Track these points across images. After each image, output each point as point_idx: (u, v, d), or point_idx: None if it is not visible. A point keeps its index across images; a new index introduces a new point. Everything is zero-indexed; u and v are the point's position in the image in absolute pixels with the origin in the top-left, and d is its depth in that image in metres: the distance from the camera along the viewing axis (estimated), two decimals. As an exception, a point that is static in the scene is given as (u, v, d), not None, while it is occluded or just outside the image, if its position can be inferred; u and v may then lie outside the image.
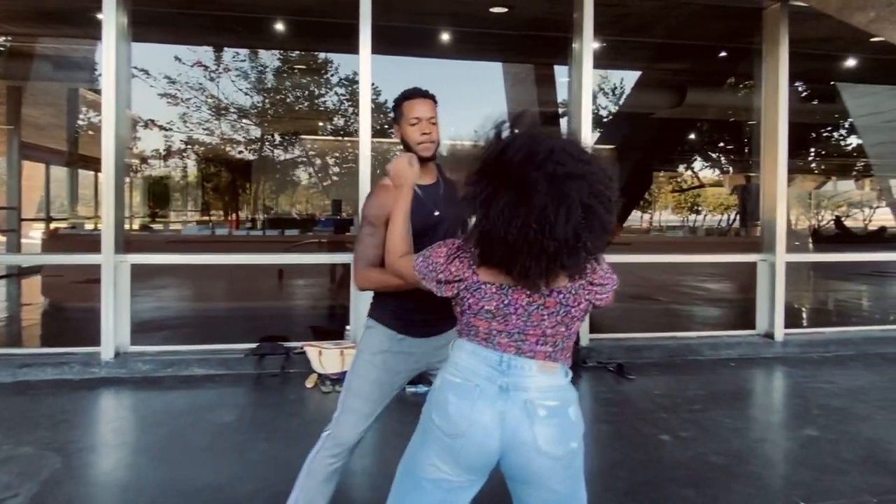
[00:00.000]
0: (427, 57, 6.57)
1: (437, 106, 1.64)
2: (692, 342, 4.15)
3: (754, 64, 4.62)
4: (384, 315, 1.60)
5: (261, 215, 11.33)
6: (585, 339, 3.93)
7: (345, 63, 10.78)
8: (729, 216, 18.16)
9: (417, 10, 4.79)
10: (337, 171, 11.82)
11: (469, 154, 1.06)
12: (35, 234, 8.21)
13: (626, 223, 10.16)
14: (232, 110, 11.17)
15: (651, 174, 9.66)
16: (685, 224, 19.38)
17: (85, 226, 6.78)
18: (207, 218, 11.70)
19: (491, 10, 4.75)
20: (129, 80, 4.13)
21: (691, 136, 12.57)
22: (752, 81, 5.52)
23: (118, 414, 3.09)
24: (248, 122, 11.41)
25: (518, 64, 7.65)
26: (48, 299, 5.74)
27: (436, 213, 1.58)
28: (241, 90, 11.16)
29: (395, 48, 5.84)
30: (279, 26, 5.66)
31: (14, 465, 2.29)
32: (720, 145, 13.90)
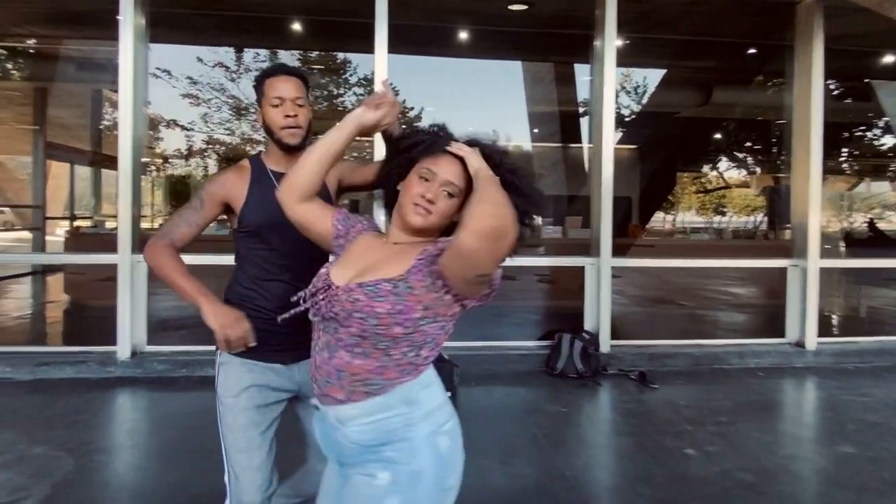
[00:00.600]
0: (444, 56, 6.53)
1: (308, 87, 1.39)
2: (718, 350, 4.01)
3: (786, 61, 4.46)
4: None
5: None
6: (606, 345, 3.83)
7: (363, 63, 10.80)
8: (756, 218, 17.68)
9: (434, 8, 4.75)
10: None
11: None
12: (60, 231, 8.43)
13: (649, 224, 9.94)
14: (252, 110, 11.30)
15: (675, 175, 9.43)
16: (710, 226, 18.94)
17: (106, 224, 6.93)
18: (226, 217, 11.89)
19: (510, 7, 4.68)
20: (147, 81, 4.16)
21: (717, 136, 12.26)
22: (783, 79, 5.32)
23: (133, 415, 3.12)
24: (268, 121, 11.56)
25: (537, 63, 7.55)
26: (70, 297, 5.86)
27: None
28: (262, 90, 11.29)
29: (412, 47, 5.81)
30: (296, 26, 5.68)
31: (28, 466, 2.30)
32: (747, 145, 13.53)
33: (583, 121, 7.80)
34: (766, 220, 12.42)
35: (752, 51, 6.52)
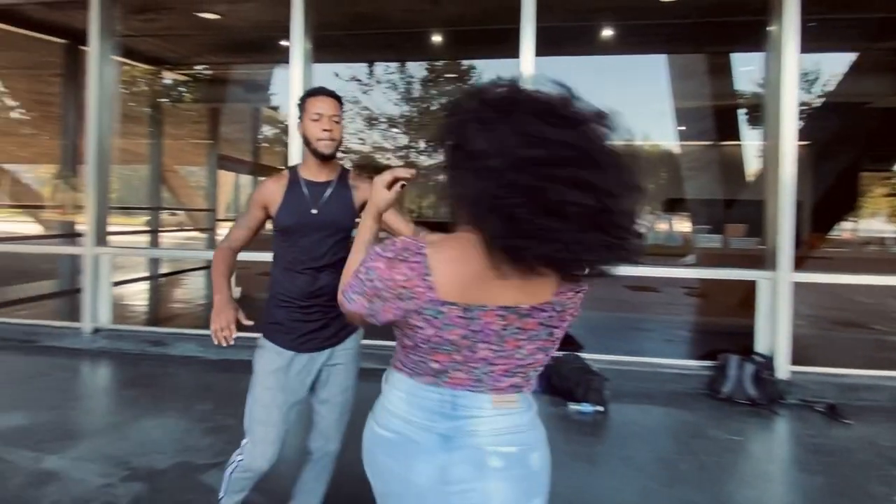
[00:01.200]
0: (583, 55, 6.44)
1: (342, 107, 1.64)
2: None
3: None
4: (271, 329, 1.61)
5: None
6: (784, 371, 3.46)
7: (489, 66, 11.09)
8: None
9: (579, 8, 4.73)
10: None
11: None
12: (222, 232, 9.95)
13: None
14: (382, 120, 12.26)
15: (859, 175, 8.10)
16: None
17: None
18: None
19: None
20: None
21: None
22: None
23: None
24: (396, 130, 12.42)
25: (686, 55, 7.08)
26: (240, 288, 6.92)
27: (313, 210, 1.58)
28: (391, 101, 12.19)
29: (553, 49, 5.83)
30: (436, 38, 6.05)
31: (225, 434, 2.77)
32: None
33: (740, 114, 7.13)
34: None
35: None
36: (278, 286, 1.63)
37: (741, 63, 6.82)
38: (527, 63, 3.86)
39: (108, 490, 2.18)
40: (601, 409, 3.10)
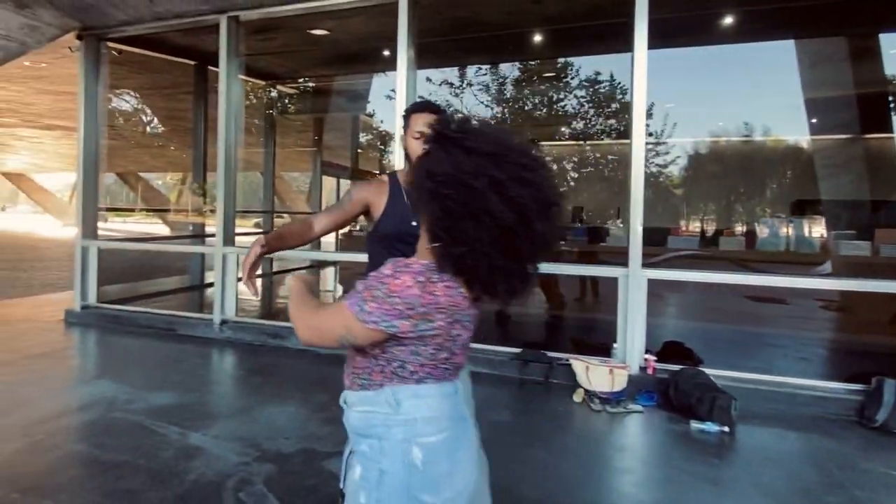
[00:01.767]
0: (700, 45, 6.06)
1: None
2: None
3: None
4: None
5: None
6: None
7: (589, 63, 10.82)
8: None
9: None
10: (575, 176, 11.98)
11: None
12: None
13: None
14: (474, 123, 12.44)
15: None
16: None
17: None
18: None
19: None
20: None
21: None
22: None
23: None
24: (489, 133, 12.53)
25: (821, 39, 6.38)
26: (342, 286, 7.43)
27: (413, 223, 1.55)
28: (483, 102, 12.32)
29: (667, 41, 5.56)
30: (536, 38, 6.02)
31: (342, 426, 2.97)
32: None
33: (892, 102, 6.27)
34: None
35: None
36: None
37: (892, 44, 6.00)
38: (640, 58, 3.72)
39: (245, 468, 2.44)
40: (727, 429, 2.89)
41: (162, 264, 9.11)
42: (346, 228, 10.82)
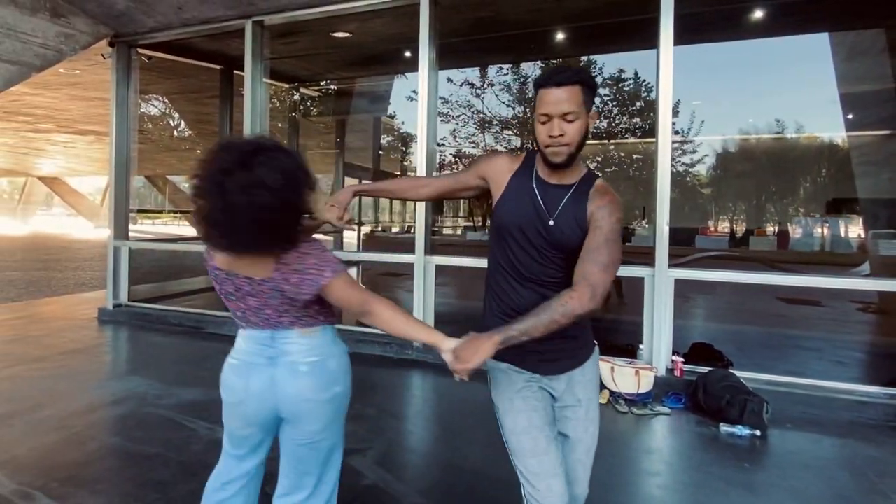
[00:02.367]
0: (728, 40, 5.94)
1: (590, 92, 1.29)
2: None
3: None
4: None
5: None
6: None
7: (612, 60, 10.72)
8: None
9: None
10: (599, 175, 11.84)
11: None
12: (349, 234, 10.77)
13: None
14: (495, 123, 12.43)
15: None
16: None
17: (392, 229, 8.61)
18: (471, 223, 13.31)
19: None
20: (436, 103, 5.00)
21: None
22: None
23: (430, 394, 3.74)
24: (509, 132, 12.51)
25: (858, 31, 6.18)
26: (365, 287, 7.51)
27: (551, 222, 1.33)
28: (504, 103, 12.32)
29: (694, 36, 5.47)
30: (559, 36, 5.99)
31: (364, 423, 3.01)
32: None
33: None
34: None
35: None
36: (488, 284, 1.49)
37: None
38: (666, 54, 3.67)
39: (270, 462, 2.49)
40: (758, 433, 2.83)
41: (189, 264, 9.34)
42: (368, 228, 10.91)
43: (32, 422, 2.92)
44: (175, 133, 13.34)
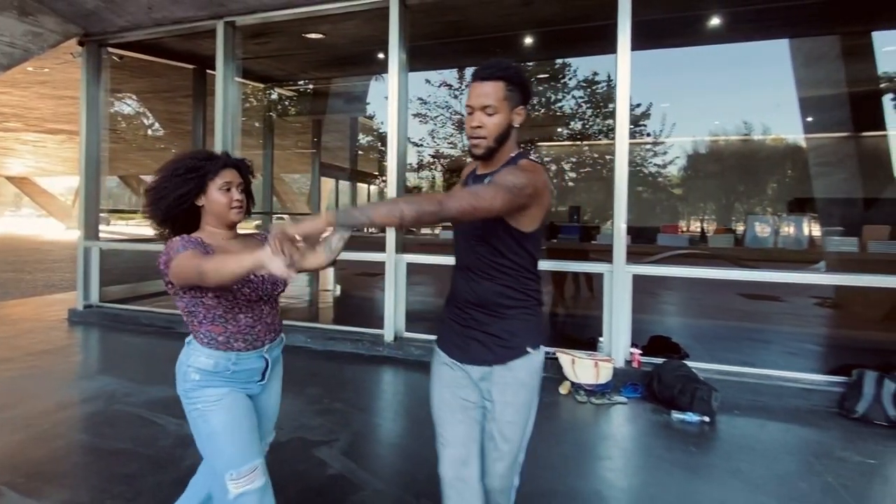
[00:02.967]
0: (690, 45, 6.17)
1: (516, 89, 1.32)
2: None
3: None
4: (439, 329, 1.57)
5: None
6: (933, 391, 3.08)
7: (585, 63, 10.94)
8: None
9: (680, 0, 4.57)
10: (573, 176, 12.10)
11: None
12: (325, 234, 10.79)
13: None
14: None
15: None
16: None
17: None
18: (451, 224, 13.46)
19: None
20: (407, 105, 5.10)
21: None
22: None
23: (400, 388, 3.83)
24: (487, 133, 12.66)
25: (814, 38, 6.48)
26: (341, 287, 7.55)
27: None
28: (482, 104, 12.46)
29: (655, 41, 5.68)
30: (527, 40, 6.14)
31: (333, 416, 3.09)
32: None
33: (884, 99, 6.35)
34: None
35: None
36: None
37: (885, 42, 6.09)
38: (624, 58, 3.84)
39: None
40: (707, 419, 3.00)
41: (163, 266, 9.21)
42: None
43: (-2, 421, 2.94)
44: (149, 132, 13.16)
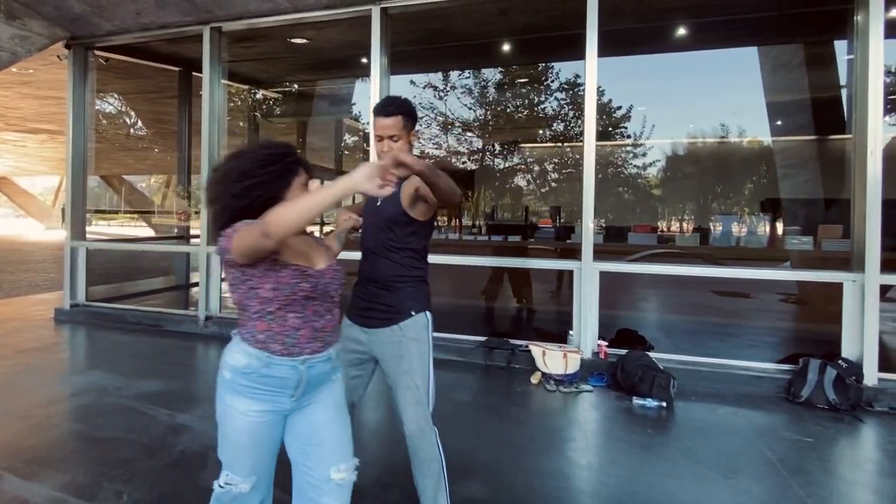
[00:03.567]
0: (662, 52, 6.47)
1: (409, 119, 1.77)
2: None
3: None
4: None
5: (481, 221, 12.63)
6: (873, 377, 3.39)
7: (566, 67, 11.24)
8: None
9: (648, 9, 4.84)
10: (556, 177, 12.40)
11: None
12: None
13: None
14: (457, 125, 12.80)
15: None
16: None
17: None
18: (435, 223, 13.68)
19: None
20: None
21: None
22: None
23: (379, 376, 4.03)
24: (472, 134, 12.90)
25: (780, 46, 6.83)
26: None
27: (378, 202, 1.88)
28: (466, 105, 12.71)
29: (625, 49, 5.96)
30: (506, 47, 6.40)
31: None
32: None
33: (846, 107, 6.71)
34: None
35: None
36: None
37: (847, 51, 6.45)
38: (591, 66, 4.10)
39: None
40: (664, 404, 3.26)
41: (146, 266, 9.34)
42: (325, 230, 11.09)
43: (-6, 413, 3.09)
44: (131, 132, 13.18)
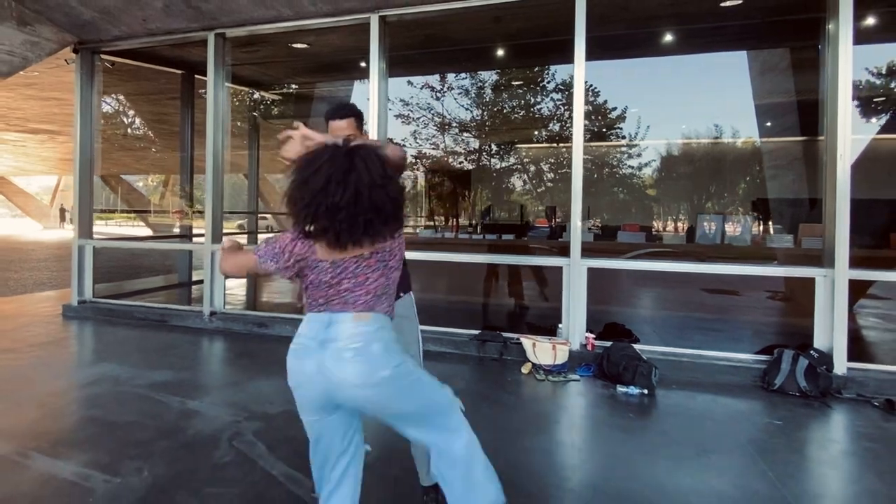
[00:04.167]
0: (651, 56, 6.71)
1: (359, 121, 1.90)
2: None
3: None
4: None
5: (476, 220, 12.86)
6: (842, 366, 3.62)
7: (560, 70, 11.47)
8: None
9: (634, 17, 5.06)
10: (551, 177, 12.62)
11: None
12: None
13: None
14: (454, 125, 13.02)
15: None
16: None
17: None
18: (432, 223, 13.87)
19: (722, 4, 4.75)
20: (387, 110, 5.52)
21: None
22: None
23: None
24: (468, 134, 13.13)
25: (768, 50, 7.07)
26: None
27: None
28: (463, 106, 12.94)
29: (615, 53, 6.19)
30: (500, 51, 6.63)
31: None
32: None
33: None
34: None
35: None
36: None
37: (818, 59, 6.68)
38: (579, 70, 4.32)
39: (236, 424, 2.98)
40: (646, 392, 3.49)
41: (148, 264, 9.55)
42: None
43: (12, 401, 3.30)
44: (129, 131, 13.37)
